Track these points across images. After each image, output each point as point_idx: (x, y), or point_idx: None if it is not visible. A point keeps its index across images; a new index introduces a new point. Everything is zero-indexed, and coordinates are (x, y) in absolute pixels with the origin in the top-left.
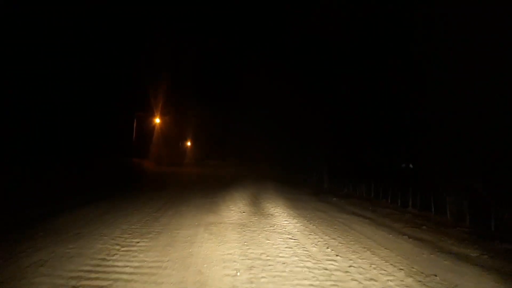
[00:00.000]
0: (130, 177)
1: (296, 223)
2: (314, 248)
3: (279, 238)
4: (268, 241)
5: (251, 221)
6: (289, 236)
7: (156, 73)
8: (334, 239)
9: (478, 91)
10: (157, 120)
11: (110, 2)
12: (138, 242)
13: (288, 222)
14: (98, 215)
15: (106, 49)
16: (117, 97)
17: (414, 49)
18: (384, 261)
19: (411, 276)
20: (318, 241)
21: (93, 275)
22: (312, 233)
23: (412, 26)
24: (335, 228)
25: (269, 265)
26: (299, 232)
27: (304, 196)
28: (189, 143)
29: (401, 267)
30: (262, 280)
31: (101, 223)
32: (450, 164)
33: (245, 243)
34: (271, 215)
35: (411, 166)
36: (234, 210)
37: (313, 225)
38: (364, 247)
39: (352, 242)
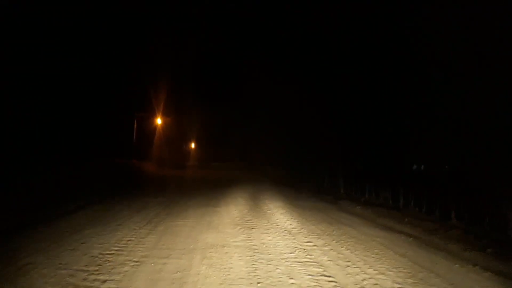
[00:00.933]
0: (128, 181)
1: (324, 245)
2: None
3: (306, 273)
4: (292, 281)
5: (263, 243)
6: (320, 270)
7: (157, 73)
8: (383, 274)
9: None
10: (159, 121)
11: (110, 2)
12: (104, 283)
13: (312, 243)
14: (71, 232)
15: (106, 49)
16: (116, 97)
17: (421, 46)
18: None
19: None
20: (363, 280)
21: None
22: (350, 262)
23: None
24: (377, 254)
25: None
26: (331, 262)
27: (321, 204)
28: (192, 145)
29: None
30: None
31: (67, 246)
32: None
33: (259, 284)
34: (288, 232)
35: (422, 167)
36: (240, 224)
37: (346, 248)
38: None
39: (412, 280)
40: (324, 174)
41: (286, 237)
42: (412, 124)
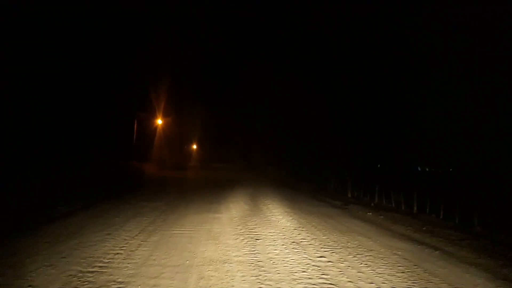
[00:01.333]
0: (127, 182)
1: (339, 261)
2: None
3: None
4: None
5: (269, 258)
6: None
7: (157, 73)
8: None
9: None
10: (159, 121)
11: (110, 2)
12: None
13: (326, 259)
14: (54, 242)
15: (106, 48)
16: (116, 97)
17: (428, 46)
18: None
19: None
20: None
21: None
22: (373, 285)
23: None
24: (403, 272)
25: None
26: (352, 284)
27: (329, 209)
28: (194, 146)
29: None
30: None
31: (45, 260)
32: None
33: None
34: (297, 243)
35: (427, 169)
36: (243, 234)
37: (366, 264)
38: None
39: None
40: (328, 175)
41: (296, 250)
42: (414, 125)
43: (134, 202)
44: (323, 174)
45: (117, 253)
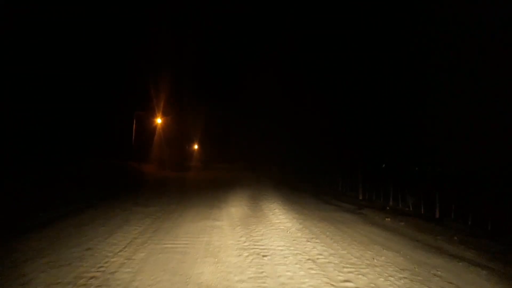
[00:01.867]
0: (123, 184)
1: (370, 286)
2: None
3: None
4: None
5: (282, 284)
6: None
7: (158, 72)
8: None
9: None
10: (159, 120)
11: (110, 2)
12: None
13: (353, 285)
14: (18, 262)
15: (106, 47)
16: (116, 96)
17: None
18: None
19: None
20: None
21: None
22: None
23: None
24: None
25: None
26: None
27: (342, 213)
28: (195, 146)
29: None
30: None
31: (6, 279)
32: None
33: None
34: (313, 261)
35: (439, 169)
36: (247, 248)
37: None
38: None
39: None
40: (334, 176)
41: (313, 271)
42: (423, 123)
43: (126, 207)
44: (328, 174)
45: (93, 277)
